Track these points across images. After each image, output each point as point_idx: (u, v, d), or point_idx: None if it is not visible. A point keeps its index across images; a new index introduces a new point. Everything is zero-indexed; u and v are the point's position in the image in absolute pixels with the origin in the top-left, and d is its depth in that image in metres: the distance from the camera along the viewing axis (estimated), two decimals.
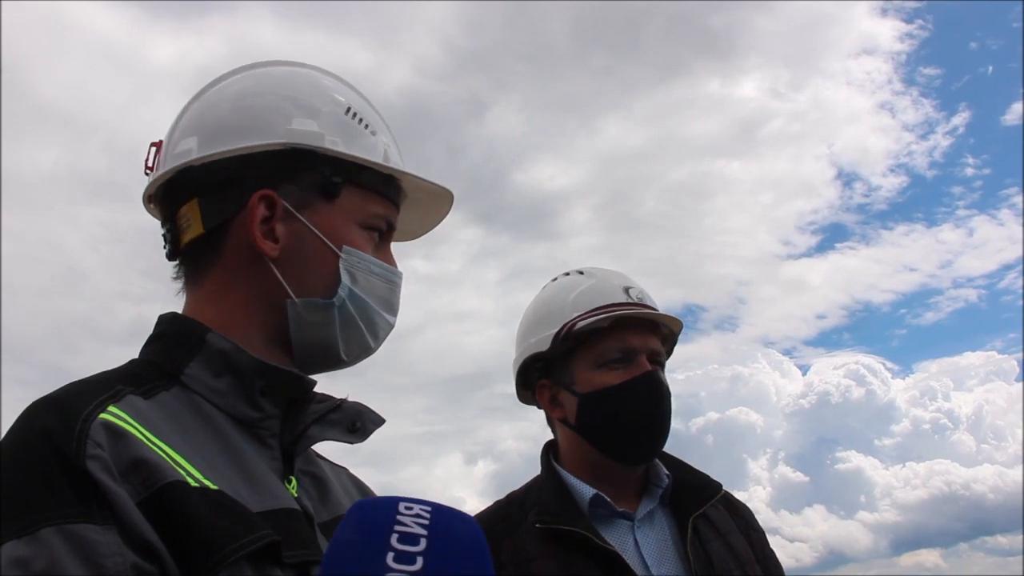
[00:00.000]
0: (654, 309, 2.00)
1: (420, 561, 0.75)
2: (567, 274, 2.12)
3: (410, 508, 0.81)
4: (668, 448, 2.04)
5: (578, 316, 1.96)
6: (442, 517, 0.81)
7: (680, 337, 2.08)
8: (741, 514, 2.07)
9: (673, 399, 1.99)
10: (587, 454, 1.98)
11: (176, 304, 1.25)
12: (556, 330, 1.99)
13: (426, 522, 0.79)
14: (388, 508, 0.80)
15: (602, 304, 1.97)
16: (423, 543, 0.76)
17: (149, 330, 1.21)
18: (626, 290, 2.00)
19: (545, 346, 2.00)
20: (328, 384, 1.26)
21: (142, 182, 1.30)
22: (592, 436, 1.97)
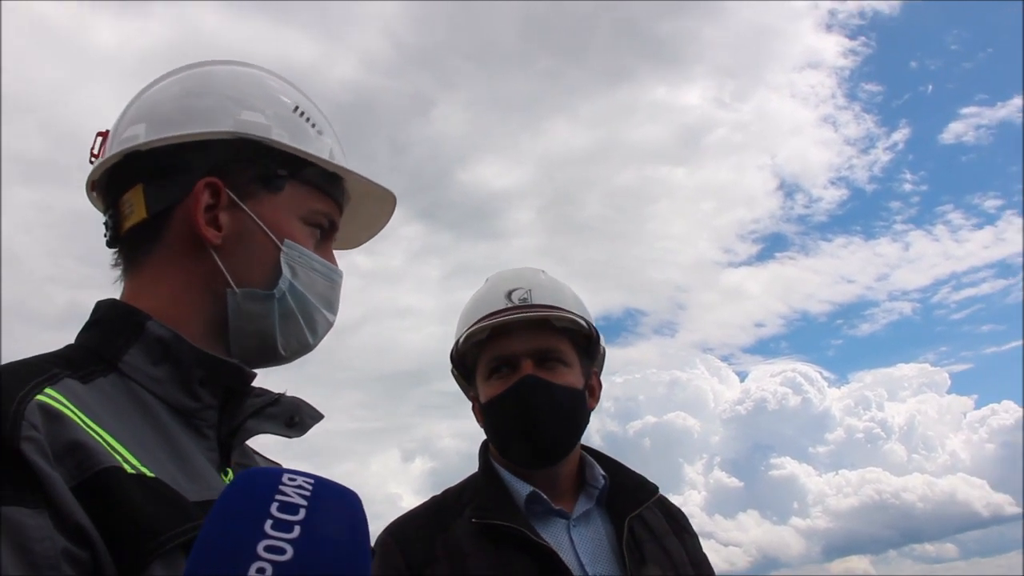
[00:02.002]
0: (546, 307, 1.99)
1: (297, 530, 0.76)
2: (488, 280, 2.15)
3: (293, 479, 0.82)
4: (606, 450, 2.08)
5: (463, 331, 2.02)
6: (324, 490, 0.83)
7: (619, 341, 2.14)
8: (676, 517, 2.11)
9: (609, 403, 2.02)
10: (506, 460, 2.02)
11: (114, 291, 1.23)
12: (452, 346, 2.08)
13: (307, 494, 0.81)
14: (272, 478, 0.82)
15: (482, 315, 2.00)
16: (302, 513, 0.78)
17: (85, 315, 1.20)
18: (508, 294, 2.01)
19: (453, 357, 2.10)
20: (265, 378, 1.25)
21: (80, 165, 1.29)
22: (495, 444, 2.03)
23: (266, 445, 1.33)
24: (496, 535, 1.84)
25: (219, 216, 1.19)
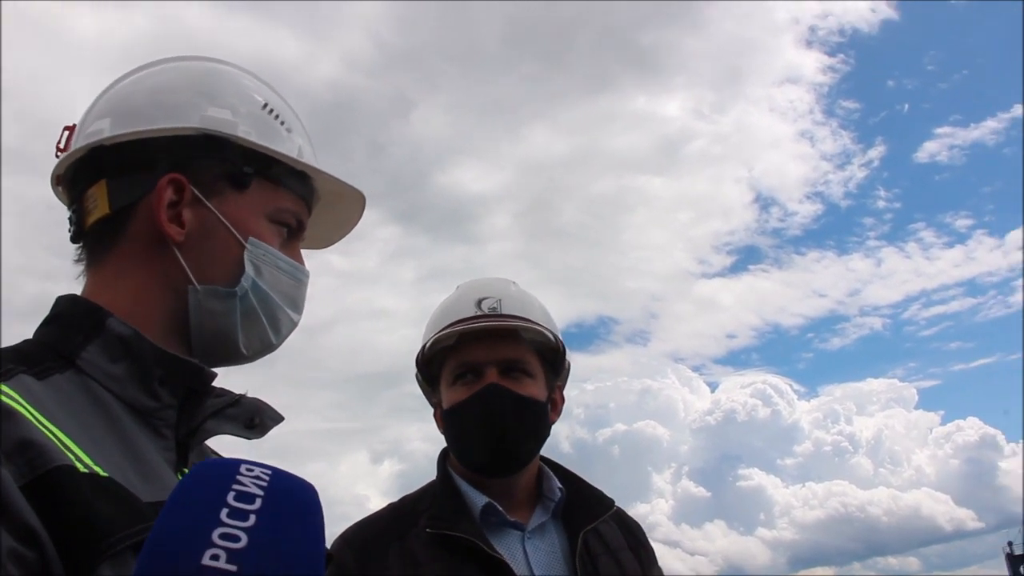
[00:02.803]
0: (515, 318, 2.00)
1: (252, 519, 0.77)
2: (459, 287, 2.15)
3: (251, 470, 0.83)
4: (575, 457, 2.13)
5: (431, 335, 2.03)
6: (280, 481, 0.84)
7: (592, 348, 2.15)
8: (632, 531, 2.11)
9: (580, 410, 2.05)
10: (463, 468, 2.02)
11: (78, 286, 1.22)
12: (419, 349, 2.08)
13: (264, 484, 0.82)
14: (229, 468, 0.83)
15: (451, 321, 2.01)
16: (258, 503, 0.79)
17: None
18: (478, 302, 2.01)
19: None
20: (236, 377, 1.25)
21: (54, 155, 1.27)
22: (455, 450, 2.03)
23: (233, 446, 1.32)
24: (451, 545, 1.84)
25: (183, 213, 1.19)
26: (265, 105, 1.29)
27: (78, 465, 0.94)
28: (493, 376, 1.95)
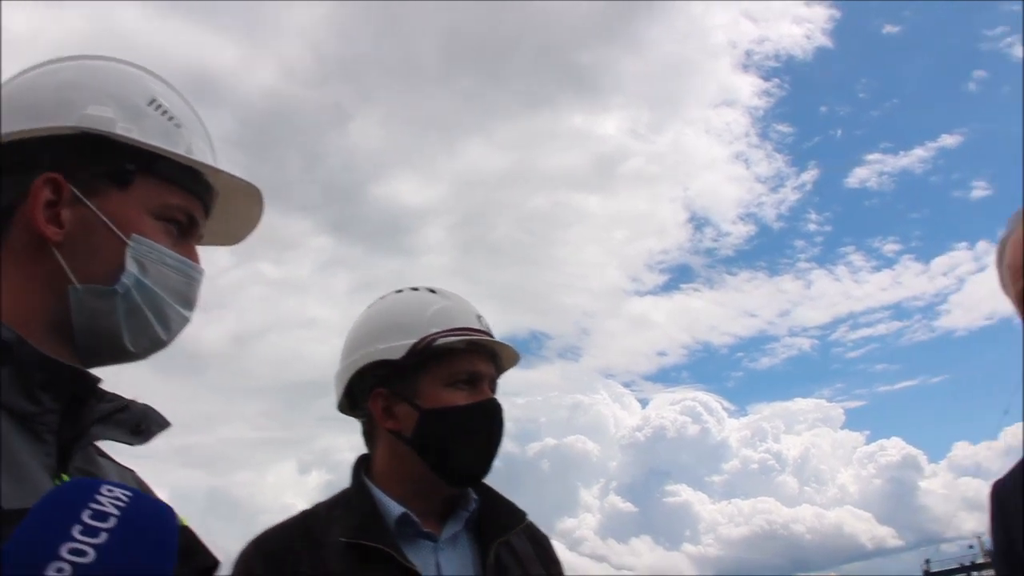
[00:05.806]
0: (504, 344, 2.08)
1: (103, 536, 0.81)
2: (415, 289, 2.14)
3: (111, 491, 0.86)
4: (504, 470, 2.12)
5: (437, 332, 1.99)
6: (139, 504, 0.87)
7: (523, 363, 2.21)
8: (542, 544, 2.13)
9: (511, 424, 2.10)
10: (411, 470, 1.98)
11: None
12: (414, 341, 1.99)
13: (122, 505, 0.85)
14: (89, 488, 0.86)
15: (460, 326, 2.02)
16: (112, 521, 0.83)
17: None
18: (478, 317, 2.07)
19: (397, 355, 2.00)
20: (167, 384, 1.22)
21: None
22: (427, 452, 1.97)
23: (159, 452, 1.33)
24: (364, 555, 1.82)
25: (61, 213, 1.18)
26: (152, 101, 1.28)
27: None
28: (488, 392, 2.02)
